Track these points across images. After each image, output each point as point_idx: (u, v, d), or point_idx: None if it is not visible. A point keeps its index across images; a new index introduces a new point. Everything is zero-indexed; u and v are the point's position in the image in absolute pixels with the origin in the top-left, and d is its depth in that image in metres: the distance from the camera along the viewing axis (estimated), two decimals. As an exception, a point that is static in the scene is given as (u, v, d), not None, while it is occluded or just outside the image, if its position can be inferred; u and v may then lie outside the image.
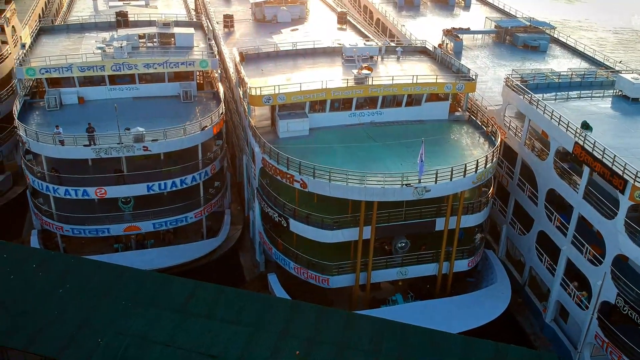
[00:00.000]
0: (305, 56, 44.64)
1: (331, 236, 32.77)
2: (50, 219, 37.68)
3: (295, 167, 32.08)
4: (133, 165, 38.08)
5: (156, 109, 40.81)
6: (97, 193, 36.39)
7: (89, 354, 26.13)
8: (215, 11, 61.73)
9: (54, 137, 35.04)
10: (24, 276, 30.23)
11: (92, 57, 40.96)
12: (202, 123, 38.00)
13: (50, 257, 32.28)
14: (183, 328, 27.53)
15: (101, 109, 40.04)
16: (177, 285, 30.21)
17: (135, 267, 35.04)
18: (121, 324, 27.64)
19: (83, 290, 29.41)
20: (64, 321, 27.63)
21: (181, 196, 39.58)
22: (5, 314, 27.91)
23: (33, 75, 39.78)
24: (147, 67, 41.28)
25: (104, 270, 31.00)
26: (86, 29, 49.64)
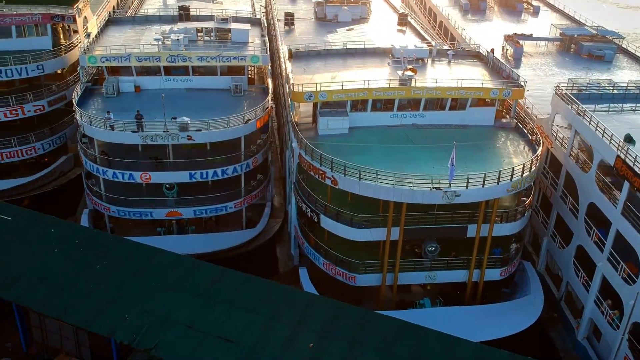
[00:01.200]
0: (355, 56, 44.94)
1: (360, 234, 32.99)
2: (99, 199, 39.83)
3: (327, 164, 32.53)
4: (180, 153, 39.58)
5: (207, 101, 42.28)
6: (142, 178, 38.14)
7: (114, 328, 27.64)
8: (280, 9, 62.95)
9: (105, 122, 37.06)
10: (67, 251, 32.28)
11: (150, 48, 42.89)
12: (245, 116, 39.02)
13: (92, 235, 34.34)
14: (204, 311, 28.60)
15: (155, 98, 41.57)
16: (204, 270, 31.40)
17: (174, 251, 36.67)
18: (147, 303, 29.03)
19: (117, 268, 31.09)
20: (97, 295, 29.31)
21: (225, 186, 40.86)
22: (46, 285, 29.87)
23: (94, 63, 42.12)
24: (200, 60, 42.79)
25: (139, 251, 32.60)
26: (150, 22, 51.94)
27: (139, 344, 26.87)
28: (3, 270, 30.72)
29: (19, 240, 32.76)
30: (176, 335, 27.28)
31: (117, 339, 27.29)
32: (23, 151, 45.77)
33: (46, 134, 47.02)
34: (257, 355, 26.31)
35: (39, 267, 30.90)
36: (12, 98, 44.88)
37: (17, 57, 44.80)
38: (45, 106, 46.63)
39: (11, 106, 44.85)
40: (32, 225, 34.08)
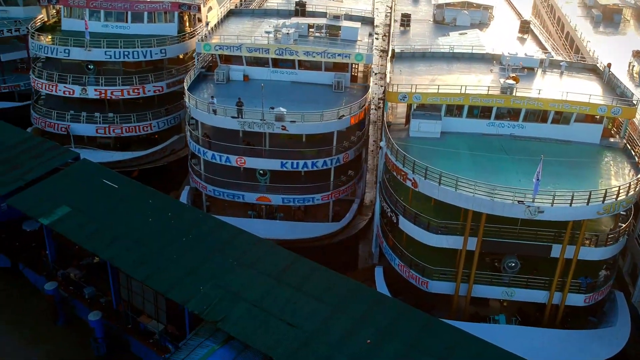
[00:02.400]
0: (461, 60, 44.15)
1: (435, 240, 32.64)
2: (199, 178, 42.46)
3: (409, 166, 32.49)
4: (276, 142, 41.16)
5: (308, 95, 43.59)
6: (238, 162, 40.17)
7: (189, 297, 29.61)
8: (400, 10, 63.02)
9: (208, 106, 39.47)
10: (160, 221, 34.85)
11: (261, 40, 44.93)
12: (340, 112, 39.79)
13: (185, 210, 36.73)
14: (273, 294, 29.83)
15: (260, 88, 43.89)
16: (280, 255, 32.63)
17: (259, 234, 38.34)
18: (223, 278, 30.75)
19: (201, 243, 33.15)
20: (179, 265, 31.50)
21: (317, 178, 41.97)
22: (137, 250, 32.56)
23: (209, 51, 44.88)
24: (306, 55, 44.16)
25: (225, 229, 34.46)
26: (268, 15, 54.21)
27: (207, 315, 28.65)
28: (104, 232, 33.87)
29: (121, 207, 35.88)
30: (243, 312, 28.75)
31: (189, 307, 29.26)
32: (140, 127, 49.76)
33: (162, 113, 50.74)
34: (315, 343, 27.11)
35: (134, 233, 33.73)
36: (135, 78, 48.96)
37: (144, 41, 48.73)
38: (164, 87, 50.35)
39: (134, 85, 48.95)
40: (134, 194, 37.14)
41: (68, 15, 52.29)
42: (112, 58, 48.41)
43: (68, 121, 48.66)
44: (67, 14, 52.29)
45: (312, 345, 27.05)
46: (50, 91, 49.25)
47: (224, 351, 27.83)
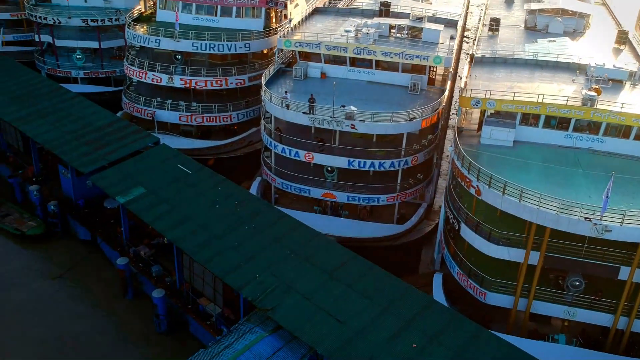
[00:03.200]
0: (544, 69, 42.60)
1: (496, 251, 31.78)
2: (269, 170, 43.55)
3: (474, 173, 31.83)
4: (346, 141, 41.51)
5: (383, 95, 43.66)
6: (306, 157, 40.84)
7: (244, 283, 30.55)
8: (491, 14, 61.53)
9: (281, 101, 40.40)
10: (226, 209, 36.11)
11: (340, 39, 45.38)
12: (410, 114, 39.52)
13: (250, 199, 37.76)
14: (324, 288, 30.21)
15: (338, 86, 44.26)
16: (337, 251, 32.95)
17: (322, 229, 38.87)
18: (278, 268, 31.47)
19: (261, 232, 34.05)
20: (238, 252, 32.54)
21: (386, 179, 41.96)
22: (201, 234, 33.93)
23: (289, 47, 45.88)
24: (384, 55, 44.16)
25: (285, 221, 35.20)
26: (352, 14, 54.63)
27: (260, 302, 29.45)
28: (173, 214, 35.55)
29: (191, 192, 37.47)
30: (293, 303, 29.33)
31: (244, 293, 30.20)
32: (221, 118, 51.63)
33: (242, 105, 52.37)
34: (360, 341, 27.23)
35: (200, 217, 35.16)
36: (219, 70, 50.84)
37: (230, 35, 50.48)
38: (246, 81, 51.96)
39: (217, 77, 50.85)
40: (205, 181, 38.67)
41: (163, 7, 55.03)
42: (198, 50, 50.49)
43: (154, 107, 51.30)
44: (162, 5, 55.04)
45: (357, 342, 27.19)
46: (140, 78, 52.10)
47: (271, 339, 28.49)
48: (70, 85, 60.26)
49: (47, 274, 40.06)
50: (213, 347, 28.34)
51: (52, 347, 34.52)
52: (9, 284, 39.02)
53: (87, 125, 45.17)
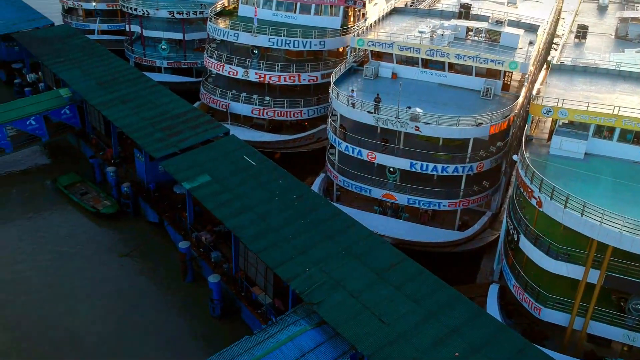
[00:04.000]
0: (628, 80, 40.39)
1: (553, 265, 30.50)
2: (332, 167, 43.86)
3: (537, 183, 30.72)
4: (411, 143, 41.12)
5: (453, 98, 42.91)
6: (368, 156, 40.83)
7: (294, 276, 31.06)
8: (580, 21, 59.00)
9: (347, 99, 40.56)
10: (284, 202, 36.76)
11: (413, 39, 44.95)
12: (478, 119, 38.60)
13: (309, 195, 38.13)
14: (372, 288, 30.21)
15: (408, 87, 44.06)
16: (388, 251, 32.86)
17: (379, 230, 38.90)
18: (329, 264, 31.75)
19: (316, 227, 34.43)
20: (291, 245, 33.11)
21: (450, 185, 41.24)
22: (258, 224, 34.73)
23: (362, 46, 45.93)
24: (457, 58, 43.35)
25: (340, 218, 35.43)
26: (431, 15, 53.92)
27: (307, 296, 29.84)
28: (233, 203, 36.58)
29: (253, 183, 38.40)
30: (340, 300, 29.51)
31: (292, 285, 30.68)
32: (291, 113, 52.44)
33: (314, 102, 52.96)
34: (402, 343, 27.08)
35: (259, 208, 35.98)
36: (293, 66, 51.68)
37: (306, 32, 51.17)
38: (319, 78, 52.48)
39: (291, 73, 51.69)
40: (268, 173, 39.50)
41: (245, 2, 56.54)
42: (274, 45, 51.52)
43: (229, 99, 52.84)
44: (244, 0, 56.56)
45: (399, 345, 27.05)
46: (218, 71, 53.82)
47: (314, 333, 28.82)
48: (155, 74, 63.20)
49: (115, 251, 42.29)
50: (258, 334, 29.03)
51: (113, 319, 36.52)
52: (81, 257, 41.56)
53: (164, 113, 47.23)
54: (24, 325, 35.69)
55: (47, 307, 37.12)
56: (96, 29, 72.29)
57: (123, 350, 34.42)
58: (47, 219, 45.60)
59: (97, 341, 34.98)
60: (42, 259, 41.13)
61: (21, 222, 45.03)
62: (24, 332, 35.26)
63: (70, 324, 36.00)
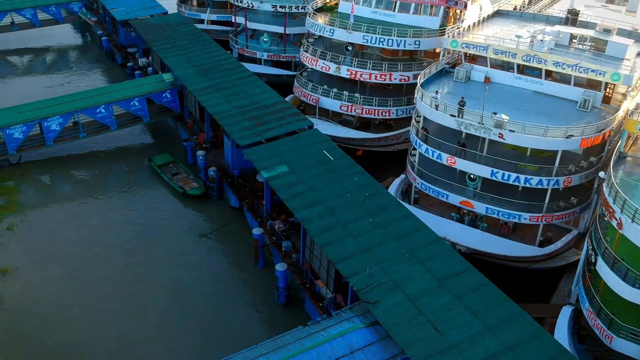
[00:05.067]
0: None
1: (629, 293, 28.31)
2: (412, 169, 43.23)
3: (619, 203, 28.61)
4: (496, 151, 39.64)
5: (548, 108, 40.87)
6: (448, 160, 39.82)
7: (354, 273, 31.09)
8: None
9: (431, 100, 39.75)
10: (355, 198, 36.77)
11: (510, 43, 43.19)
12: (568, 131, 36.45)
13: (381, 194, 37.75)
14: (431, 294, 29.67)
15: (500, 92, 42.55)
16: (454, 259, 32.04)
17: (453, 238, 38.06)
18: (391, 265, 31.47)
19: (383, 227, 34.18)
20: (356, 241, 33.15)
21: (535, 197, 39.37)
22: (327, 218, 35.01)
23: (455, 47, 44.81)
24: (555, 65, 41.18)
25: (410, 221, 34.93)
26: (536, 20, 51.52)
27: (364, 294, 29.74)
28: (306, 195, 37.07)
29: (328, 177, 38.67)
30: (396, 303, 29.13)
31: (351, 282, 30.69)
32: (379, 111, 52.19)
33: (403, 102, 52.38)
34: (453, 355, 26.34)
35: (330, 202, 36.23)
36: (385, 64, 51.39)
37: (401, 31, 50.67)
38: (410, 78, 51.74)
39: (382, 71, 51.43)
40: (343, 169, 39.63)
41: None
42: (368, 42, 51.44)
43: (319, 94, 53.48)
44: (345, -4, 56.95)
45: (449, 355, 26.33)
46: (311, 65, 54.59)
47: (366, 332, 28.67)
48: (255, 66, 65.34)
49: (195, 230, 44.27)
50: (311, 326, 29.35)
51: (181, 289, 38.53)
52: (161, 232, 44.00)
53: (254, 103, 48.69)
54: (104, 286, 38.71)
55: (121, 273, 39.97)
56: (206, 19, 75.69)
57: (184, 319, 36.36)
58: (138, 194, 48.61)
59: (163, 309, 37.14)
60: (125, 230, 44.11)
61: (115, 194, 48.38)
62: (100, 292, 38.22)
63: (139, 290, 38.45)
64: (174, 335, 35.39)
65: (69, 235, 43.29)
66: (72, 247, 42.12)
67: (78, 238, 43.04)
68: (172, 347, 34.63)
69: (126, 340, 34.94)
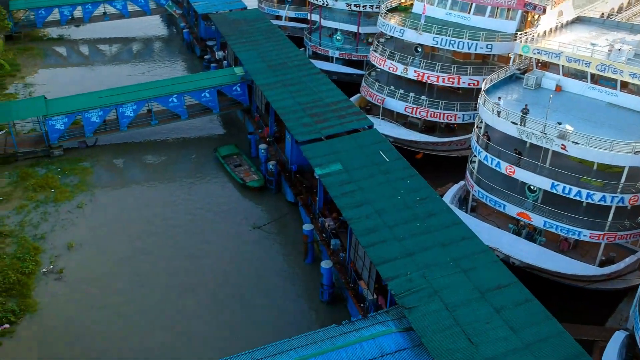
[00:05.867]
0: None
1: (686, 324, 26.35)
2: (470, 176, 42.08)
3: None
4: (561, 162, 37.92)
5: (622, 121, 38.70)
6: (507, 169, 38.43)
7: (394, 276, 30.77)
8: None
9: (493, 107, 38.48)
10: (406, 202, 36.30)
11: (585, 51, 41.12)
12: (636, 146, 34.26)
13: (433, 199, 37.02)
14: (471, 305, 28.92)
15: (571, 102, 40.67)
16: (500, 272, 31.02)
17: (506, 250, 36.96)
18: (432, 272, 30.88)
19: (430, 233, 33.54)
20: (400, 245, 32.81)
21: (599, 214, 37.36)
22: (373, 219, 34.78)
23: (527, 53, 43.16)
24: (632, 77, 38.82)
25: (459, 228, 34.04)
26: (619, 28, 48.82)
27: (400, 299, 29.32)
28: (356, 194, 36.92)
29: (380, 178, 38.35)
30: (433, 311, 28.49)
31: (389, 285, 30.33)
32: (445, 115, 51.16)
33: (471, 107, 51.04)
34: (483, 368, 25.58)
35: (379, 203, 35.90)
36: (454, 67, 50.25)
37: (473, 34, 49.37)
38: (480, 82, 50.25)
39: (451, 74, 50.33)
40: (397, 171, 39.15)
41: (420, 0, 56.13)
42: (438, 44, 50.50)
43: (385, 95, 53.08)
44: (422, -3, 56.15)
45: (480, 369, 25.54)
46: (379, 65, 54.29)
47: (398, 337, 28.24)
48: (327, 64, 65.77)
49: (250, 222, 45.16)
50: (345, 326, 29.27)
51: (231, 273, 39.48)
52: (217, 220, 45.25)
53: (318, 100, 48.97)
54: (159, 264, 40.61)
55: (176, 255, 41.59)
56: (284, 15, 76.90)
57: (228, 303, 37.54)
58: (200, 182, 50.18)
59: (210, 290, 38.43)
60: (185, 215, 45.77)
61: (179, 181, 50.19)
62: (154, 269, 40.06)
63: (191, 271, 39.95)
64: (217, 315, 36.59)
65: (132, 217, 45.39)
66: (134, 227, 44.14)
67: (140, 219, 45.06)
68: (212, 325, 35.90)
69: (176, 311, 36.80)
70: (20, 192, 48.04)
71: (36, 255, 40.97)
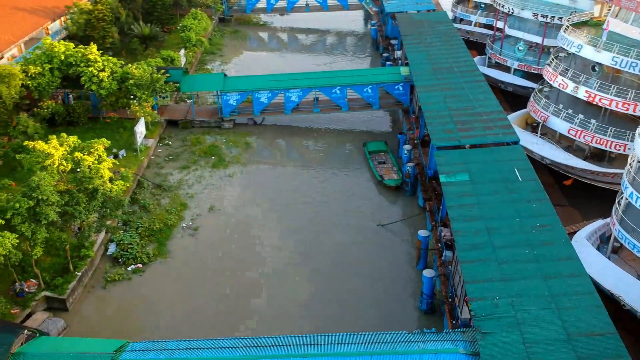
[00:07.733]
0: None
1: None
2: (615, 215, 37.53)
3: None
4: None
5: None
6: None
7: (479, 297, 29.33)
8: None
9: None
10: (523, 226, 33.93)
11: None
12: None
13: (553, 227, 33.79)
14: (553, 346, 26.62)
15: None
16: (597, 317, 27.78)
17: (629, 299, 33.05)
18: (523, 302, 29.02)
19: (538, 262, 31.13)
20: (500, 268, 31.08)
21: None
22: (481, 236, 33.15)
23: None
24: None
25: (570, 263, 31.09)
26: None
27: (478, 322, 27.81)
28: (473, 208, 35.28)
29: (506, 196, 35.94)
30: (508, 342, 26.62)
31: (471, 306, 28.87)
32: (612, 143, 45.91)
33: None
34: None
35: (492, 222, 33.92)
36: (631, 92, 44.88)
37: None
38: (661, 112, 44.47)
39: (627, 100, 45.06)
40: (527, 192, 36.44)
41: (614, 15, 50.91)
42: (617, 65, 45.55)
43: (550, 112, 49.35)
44: (614, 13, 50.93)
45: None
46: (550, 80, 50.56)
47: (462, 359, 26.88)
48: (503, 74, 62.97)
49: (376, 218, 45.51)
50: (413, 335, 28.66)
51: (338, 270, 40.39)
52: (343, 211, 46.52)
53: (469, 108, 47.25)
54: (284, 238, 43.44)
55: (299, 232, 44.17)
56: (474, 21, 74.86)
57: (332, 287, 38.95)
58: (341, 173, 51.79)
59: (321, 272, 40.18)
60: (318, 200, 48.03)
61: (324, 168, 52.56)
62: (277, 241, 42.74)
63: (307, 253, 41.92)
64: (318, 297, 38.23)
65: (273, 191, 49.00)
66: (272, 201, 47.58)
67: (279, 194, 48.49)
68: (312, 298, 37.98)
69: (286, 279, 39.78)
70: (188, 155, 54.17)
71: (182, 211, 46.12)
